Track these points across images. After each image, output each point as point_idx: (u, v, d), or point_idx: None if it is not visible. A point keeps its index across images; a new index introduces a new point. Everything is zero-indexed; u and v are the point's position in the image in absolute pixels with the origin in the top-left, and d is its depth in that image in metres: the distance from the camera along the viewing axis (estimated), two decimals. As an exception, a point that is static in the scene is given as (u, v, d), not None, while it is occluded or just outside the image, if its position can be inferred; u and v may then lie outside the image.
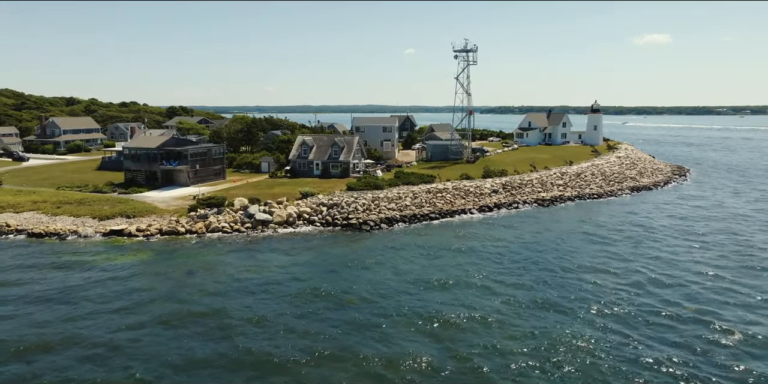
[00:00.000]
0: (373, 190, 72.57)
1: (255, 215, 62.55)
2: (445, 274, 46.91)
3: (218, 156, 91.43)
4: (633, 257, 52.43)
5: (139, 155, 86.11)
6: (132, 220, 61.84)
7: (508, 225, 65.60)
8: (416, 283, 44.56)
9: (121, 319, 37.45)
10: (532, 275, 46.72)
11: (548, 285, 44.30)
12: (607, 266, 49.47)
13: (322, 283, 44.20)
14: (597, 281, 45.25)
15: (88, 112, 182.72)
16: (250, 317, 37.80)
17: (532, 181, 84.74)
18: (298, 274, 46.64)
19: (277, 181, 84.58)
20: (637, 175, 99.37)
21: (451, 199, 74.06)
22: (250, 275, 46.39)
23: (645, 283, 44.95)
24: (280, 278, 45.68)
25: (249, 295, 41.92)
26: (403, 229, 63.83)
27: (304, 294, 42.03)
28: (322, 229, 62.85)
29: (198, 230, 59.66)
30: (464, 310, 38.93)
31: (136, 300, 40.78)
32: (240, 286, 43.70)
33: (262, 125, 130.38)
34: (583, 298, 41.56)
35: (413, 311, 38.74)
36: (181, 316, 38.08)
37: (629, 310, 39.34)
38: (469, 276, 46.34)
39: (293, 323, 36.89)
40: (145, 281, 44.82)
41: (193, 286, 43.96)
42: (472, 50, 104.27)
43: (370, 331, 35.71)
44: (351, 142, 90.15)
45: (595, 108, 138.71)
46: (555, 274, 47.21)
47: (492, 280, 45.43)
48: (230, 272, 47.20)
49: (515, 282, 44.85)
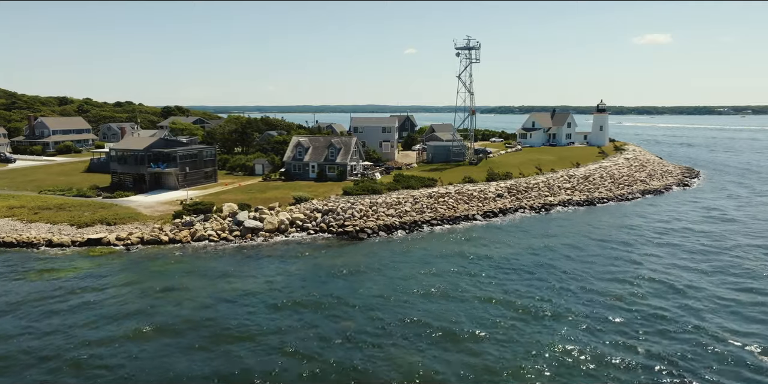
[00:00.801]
0: (370, 195, 68.42)
1: (244, 222, 58.45)
2: (449, 288, 42.80)
3: (209, 158, 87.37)
4: (657, 269, 48.25)
5: (125, 157, 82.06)
6: (113, 228, 57.73)
7: (515, 232, 61.46)
8: (416, 296, 40.46)
9: (86, 334, 33.47)
10: (546, 291, 42.58)
11: (566, 301, 40.19)
12: (628, 278, 45.33)
13: (313, 298, 40.14)
14: (616, 293, 41.14)
15: (80, 112, 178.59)
16: (231, 335, 33.79)
17: (538, 184, 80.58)
18: (287, 288, 42.56)
19: (271, 185, 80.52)
20: (647, 178, 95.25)
21: (454, 204, 69.91)
22: (234, 289, 42.30)
23: (677, 298, 40.82)
24: (266, 292, 41.58)
25: (231, 311, 37.86)
26: (403, 237, 59.69)
27: (293, 310, 37.98)
28: (316, 237, 58.69)
29: (182, 239, 55.56)
30: (470, 326, 34.85)
31: (104, 316, 36.76)
32: (222, 302, 39.64)
33: (258, 125, 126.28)
34: (601, 313, 37.48)
35: (413, 328, 34.67)
36: (149, 334, 34.11)
37: (663, 332, 35.26)
38: (476, 290, 42.23)
39: (280, 341, 32.94)
40: (116, 298, 40.70)
41: (169, 302, 39.89)
42: (475, 47, 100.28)
43: (368, 349, 31.71)
44: (348, 143, 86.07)
45: (600, 107, 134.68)
46: (572, 289, 43.08)
47: (500, 293, 41.33)
48: (213, 287, 43.11)
49: (526, 296, 40.74)
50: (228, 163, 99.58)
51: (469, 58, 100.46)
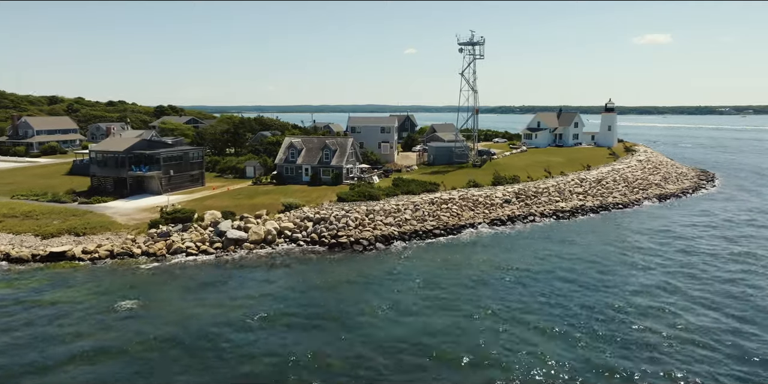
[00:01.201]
0: (367, 202, 62.71)
1: (226, 233, 52.82)
2: (455, 312, 37.23)
3: (196, 160, 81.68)
4: (692, 289, 42.69)
5: (105, 160, 76.47)
6: (81, 239, 52.09)
7: (525, 243, 55.80)
8: (416, 329, 34.89)
9: (29, 360, 27.95)
10: (567, 318, 37.02)
11: (592, 330, 34.61)
12: (658, 299, 39.76)
13: (297, 323, 34.56)
14: (644, 317, 35.60)
15: (70, 112, 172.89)
16: (197, 366, 28.25)
17: (548, 188, 74.90)
18: (267, 311, 36.95)
19: (261, 189, 74.89)
20: (662, 181, 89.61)
21: (458, 211, 64.24)
22: (205, 312, 36.69)
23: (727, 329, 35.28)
24: (242, 317, 35.99)
25: (199, 337, 32.26)
26: (402, 248, 53.97)
27: (271, 334, 32.37)
28: (306, 250, 52.97)
29: (157, 252, 49.92)
30: (482, 365, 29.30)
31: (49, 339, 31.17)
32: (190, 326, 34.03)
33: (251, 125, 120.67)
34: (632, 343, 31.92)
35: (414, 369, 29.13)
36: (100, 359, 28.58)
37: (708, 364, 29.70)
38: (486, 313, 36.66)
39: (251, 371, 27.41)
40: (68, 319, 35.09)
41: (127, 325, 34.37)
42: (479, 43, 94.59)
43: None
44: (344, 144, 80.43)
45: (609, 107, 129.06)
46: (597, 314, 37.51)
47: (512, 316, 35.75)
48: (181, 309, 37.49)
49: (542, 320, 35.15)
50: (218, 166, 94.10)
51: (473, 54, 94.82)
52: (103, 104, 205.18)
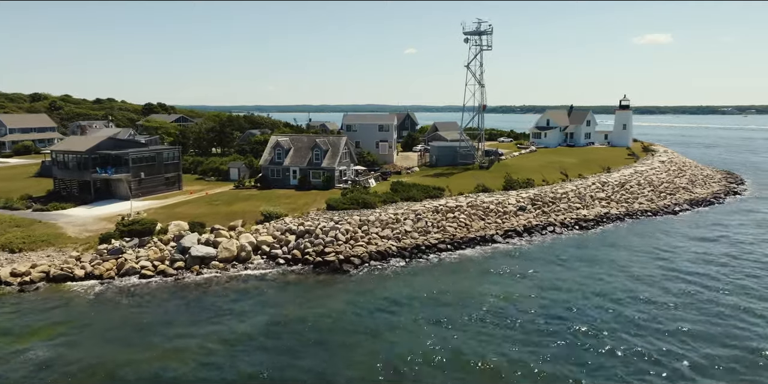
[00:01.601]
0: (361, 210, 53.89)
1: (191, 249, 44.02)
2: (464, 375, 28.57)
3: (172, 161, 72.89)
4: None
5: (66, 161, 67.74)
6: (14, 257, 43.33)
7: (548, 261, 46.93)
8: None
9: None
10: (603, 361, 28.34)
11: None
12: (722, 339, 31.13)
13: (262, 377, 25.92)
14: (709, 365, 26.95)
15: (53, 110, 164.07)
16: None
17: (567, 193, 66.06)
18: (228, 360, 28.29)
19: (242, 194, 66.18)
20: (689, 185, 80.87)
21: (467, 220, 55.37)
22: (145, 366, 27.99)
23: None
24: (195, 366, 27.31)
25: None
26: (401, 268, 44.98)
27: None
28: (286, 271, 43.92)
29: (104, 274, 41.09)
30: None
31: None
32: (125, 378, 25.42)
33: (239, 123, 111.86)
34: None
35: None
36: None
37: None
38: (505, 362, 28.00)
39: None
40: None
41: (49, 374, 25.70)
42: (486, 32, 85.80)
43: None
44: (337, 143, 71.66)
45: (624, 104, 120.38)
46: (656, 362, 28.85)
47: (543, 365, 27.10)
48: (114, 356, 28.78)
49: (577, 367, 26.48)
50: (201, 167, 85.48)
51: (479, 45, 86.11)
52: (89, 102, 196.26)
